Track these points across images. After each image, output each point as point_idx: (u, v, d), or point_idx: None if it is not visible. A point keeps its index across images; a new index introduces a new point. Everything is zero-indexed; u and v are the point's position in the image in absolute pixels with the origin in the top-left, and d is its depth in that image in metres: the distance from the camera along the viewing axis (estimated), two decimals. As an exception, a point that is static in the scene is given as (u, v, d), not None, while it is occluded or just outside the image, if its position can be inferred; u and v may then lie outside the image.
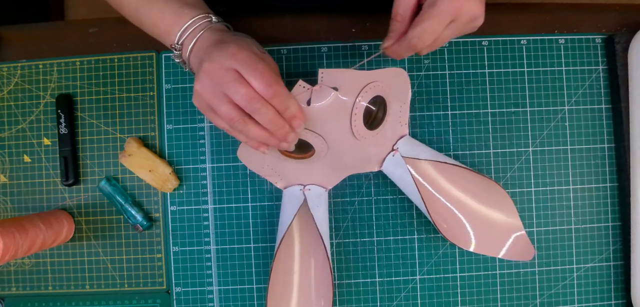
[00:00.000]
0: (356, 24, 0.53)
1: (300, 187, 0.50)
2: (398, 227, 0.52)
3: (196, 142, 0.52)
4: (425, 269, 0.52)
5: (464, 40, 0.52)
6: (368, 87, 0.43)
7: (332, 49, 0.52)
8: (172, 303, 0.52)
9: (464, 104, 0.52)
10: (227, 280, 0.52)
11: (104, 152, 0.53)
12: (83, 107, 0.53)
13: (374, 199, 0.52)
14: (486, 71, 0.52)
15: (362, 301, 0.52)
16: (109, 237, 0.53)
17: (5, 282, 0.53)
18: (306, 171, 0.49)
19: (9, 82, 0.53)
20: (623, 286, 0.52)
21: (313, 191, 0.50)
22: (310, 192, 0.50)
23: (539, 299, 0.52)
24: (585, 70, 0.52)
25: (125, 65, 0.53)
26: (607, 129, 0.52)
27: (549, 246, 0.52)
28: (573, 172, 0.52)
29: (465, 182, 0.50)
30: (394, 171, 0.50)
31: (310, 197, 0.50)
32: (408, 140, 0.51)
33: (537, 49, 0.52)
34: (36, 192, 0.53)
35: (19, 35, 0.54)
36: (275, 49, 0.52)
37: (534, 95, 0.52)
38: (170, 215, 0.52)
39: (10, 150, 0.53)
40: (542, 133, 0.52)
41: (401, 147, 0.50)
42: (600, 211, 0.52)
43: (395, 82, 0.46)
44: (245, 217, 0.52)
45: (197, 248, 0.52)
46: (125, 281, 0.53)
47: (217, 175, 0.52)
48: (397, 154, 0.50)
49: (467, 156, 0.52)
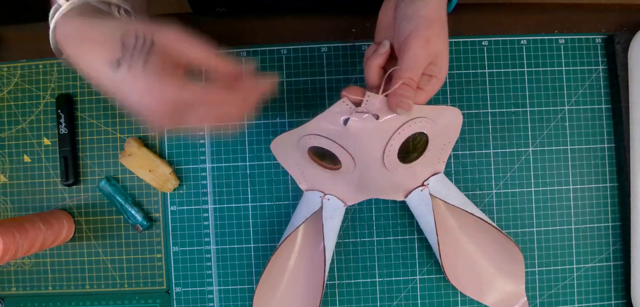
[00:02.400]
0: (356, 24, 0.53)
1: (320, 194, 0.50)
2: (398, 227, 0.52)
3: (196, 142, 0.52)
4: (425, 269, 0.52)
5: (464, 40, 0.52)
6: (412, 122, 0.41)
7: (332, 49, 0.52)
8: (172, 303, 0.52)
9: (464, 104, 0.52)
10: (227, 280, 0.52)
11: (104, 152, 0.53)
12: (83, 107, 0.53)
13: (374, 199, 0.52)
14: (486, 71, 0.52)
15: (362, 301, 0.52)
16: (109, 237, 0.53)
17: (5, 282, 0.53)
18: (330, 180, 0.49)
19: (9, 82, 0.53)
20: (623, 286, 0.52)
21: (332, 201, 0.49)
22: (329, 203, 0.49)
23: (539, 299, 0.52)
24: (585, 70, 0.52)
25: (125, 65, 0.53)
26: (607, 129, 0.52)
27: (549, 246, 0.52)
28: (573, 172, 0.52)
29: (485, 238, 0.50)
30: (418, 206, 0.49)
31: (327, 206, 0.49)
32: (441, 178, 0.50)
33: (537, 49, 0.52)
34: (36, 192, 0.53)
35: (19, 35, 0.54)
36: (275, 49, 0.52)
37: (534, 95, 0.52)
38: (170, 215, 0.52)
39: (10, 150, 0.53)
40: (542, 133, 0.52)
41: (432, 185, 0.49)
42: (600, 211, 0.52)
43: (445, 121, 0.44)
44: (245, 217, 0.52)
45: (197, 248, 0.52)
46: (125, 281, 0.53)
47: (217, 175, 0.52)
48: (426, 191, 0.48)
49: (467, 156, 0.52)
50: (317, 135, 0.43)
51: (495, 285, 0.51)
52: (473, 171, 0.52)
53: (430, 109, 0.41)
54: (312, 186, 0.50)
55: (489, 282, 0.51)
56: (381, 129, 0.40)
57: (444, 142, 0.48)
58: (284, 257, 0.51)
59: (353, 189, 0.49)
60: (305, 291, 0.50)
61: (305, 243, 0.51)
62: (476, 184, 0.52)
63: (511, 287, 0.51)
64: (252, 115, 0.39)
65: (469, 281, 0.51)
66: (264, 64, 0.52)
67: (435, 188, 0.49)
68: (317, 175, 0.49)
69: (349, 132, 0.40)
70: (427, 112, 0.41)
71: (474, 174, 0.52)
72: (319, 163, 0.47)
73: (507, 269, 0.50)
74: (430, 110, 0.41)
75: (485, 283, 0.51)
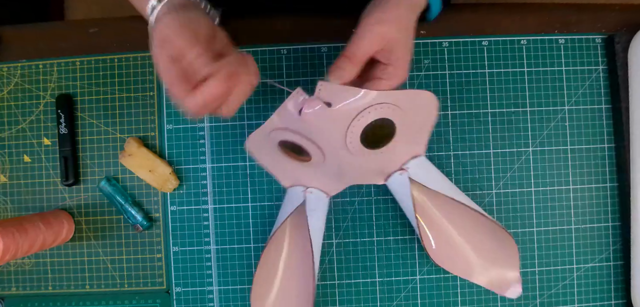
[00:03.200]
0: (356, 24, 0.52)
1: (303, 189, 0.50)
2: (398, 227, 0.52)
3: (196, 142, 0.52)
4: (425, 269, 0.52)
5: (464, 41, 0.52)
6: (371, 108, 0.40)
7: (332, 49, 0.52)
8: (172, 303, 0.52)
9: (464, 104, 0.52)
10: (227, 280, 0.52)
11: (104, 152, 0.53)
12: (83, 107, 0.53)
13: (374, 199, 0.52)
14: (486, 71, 0.52)
15: (362, 301, 0.52)
16: (109, 237, 0.53)
17: (5, 282, 0.53)
18: (310, 174, 0.49)
19: (9, 82, 0.53)
20: (623, 286, 0.52)
21: (314, 194, 0.50)
22: (311, 195, 0.50)
23: (539, 299, 0.52)
24: (585, 70, 0.52)
25: (125, 65, 0.53)
26: (607, 129, 0.52)
27: (549, 246, 0.52)
28: (573, 172, 0.52)
29: (471, 226, 0.49)
30: (398, 189, 0.49)
31: (310, 200, 0.49)
32: (422, 162, 0.49)
33: (537, 49, 0.52)
34: (36, 192, 0.53)
35: (19, 35, 0.54)
36: (275, 49, 0.52)
37: (534, 95, 0.52)
38: (170, 215, 0.52)
39: (10, 150, 0.53)
40: (542, 133, 0.52)
41: (412, 169, 0.48)
42: (600, 211, 0.52)
43: (417, 105, 0.43)
44: (245, 217, 0.52)
45: (197, 248, 0.52)
46: (125, 281, 0.53)
47: (217, 175, 0.52)
48: (405, 174, 0.48)
49: (467, 156, 0.52)
50: (283, 129, 0.43)
51: (483, 269, 0.51)
52: (473, 171, 0.52)
53: (397, 93, 0.40)
54: (294, 182, 0.51)
55: (476, 265, 0.51)
56: (337, 117, 0.40)
57: (420, 126, 0.47)
58: (274, 257, 0.51)
59: (333, 178, 0.49)
60: (299, 288, 0.50)
61: (293, 241, 0.51)
62: (476, 184, 0.52)
63: (501, 272, 0.50)
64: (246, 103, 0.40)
65: (455, 263, 0.50)
66: (264, 64, 0.52)
67: (415, 172, 0.48)
68: (295, 170, 0.49)
69: (305, 122, 0.40)
70: (392, 97, 0.41)
71: (474, 174, 0.52)
72: (293, 156, 0.47)
73: (495, 254, 0.50)
74: (397, 95, 0.41)
75: (471, 266, 0.51)
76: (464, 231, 0.51)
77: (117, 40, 0.53)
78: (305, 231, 0.48)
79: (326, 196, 0.50)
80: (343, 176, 0.49)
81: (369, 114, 0.41)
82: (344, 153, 0.44)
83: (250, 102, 0.52)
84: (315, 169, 0.48)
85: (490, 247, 0.50)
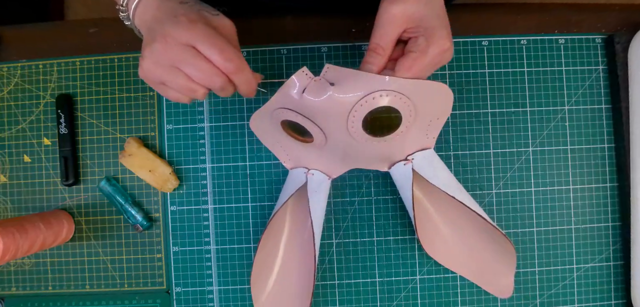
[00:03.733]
0: (356, 24, 0.53)
1: (305, 170, 0.50)
2: (398, 227, 0.52)
3: (196, 142, 0.52)
4: (425, 269, 0.52)
5: (464, 40, 0.52)
6: (376, 94, 0.39)
7: (332, 49, 0.52)
8: (172, 303, 0.52)
9: (464, 104, 0.52)
10: (227, 280, 0.52)
11: (104, 152, 0.53)
12: (83, 107, 0.53)
13: (374, 199, 0.52)
14: (486, 71, 0.52)
15: (362, 301, 0.52)
16: (109, 237, 0.53)
17: (5, 282, 0.53)
18: (313, 155, 0.49)
19: (9, 82, 0.53)
20: (623, 286, 0.52)
21: (316, 176, 0.50)
22: (313, 177, 0.49)
23: (539, 299, 0.52)
24: (585, 70, 0.52)
25: (125, 65, 0.53)
26: (607, 129, 0.52)
27: (549, 246, 0.52)
28: (573, 172, 0.52)
29: (468, 226, 0.49)
30: (400, 178, 0.49)
31: (312, 181, 0.49)
32: (428, 155, 0.48)
33: (537, 49, 0.52)
34: (36, 192, 0.53)
35: (19, 35, 0.54)
36: (275, 49, 0.52)
37: (534, 95, 0.52)
38: (170, 215, 0.52)
39: (10, 150, 0.53)
40: (542, 133, 0.52)
41: (417, 160, 0.48)
42: (600, 211, 0.52)
43: (429, 96, 0.42)
44: (245, 217, 0.52)
45: (197, 248, 0.52)
46: (125, 281, 0.53)
47: (217, 175, 0.52)
48: (409, 166, 0.48)
49: (467, 156, 0.52)
50: (286, 109, 0.43)
51: (475, 270, 0.51)
52: (473, 171, 0.52)
53: (404, 82, 0.38)
54: (297, 164, 0.51)
55: (469, 265, 0.51)
56: (341, 101, 0.39)
57: (431, 118, 0.46)
58: (274, 239, 0.50)
59: (337, 161, 0.49)
60: (299, 270, 0.50)
61: (295, 222, 0.51)
62: (476, 184, 0.52)
63: (494, 277, 0.51)
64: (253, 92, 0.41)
65: (447, 259, 0.51)
66: (264, 64, 0.52)
67: (420, 164, 0.47)
68: (299, 151, 0.49)
69: (306, 102, 0.40)
70: (397, 85, 0.38)
71: (474, 174, 0.52)
72: (296, 137, 0.47)
73: (490, 258, 0.50)
74: (403, 84, 0.38)
75: (463, 264, 0.51)
76: (459, 230, 0.51)
77: (117, 40, 0.53)
78: (307, 212, 0.48)
79: (328, 179, 0.50)
80: (346, 159, 0.49)
81: (374, 100, 0.39)
82: (346, 137, 0.43)
83: (250, 101, 0.52)
84: (318, 150, 0.47)
85: (485, 249, 0.50)
